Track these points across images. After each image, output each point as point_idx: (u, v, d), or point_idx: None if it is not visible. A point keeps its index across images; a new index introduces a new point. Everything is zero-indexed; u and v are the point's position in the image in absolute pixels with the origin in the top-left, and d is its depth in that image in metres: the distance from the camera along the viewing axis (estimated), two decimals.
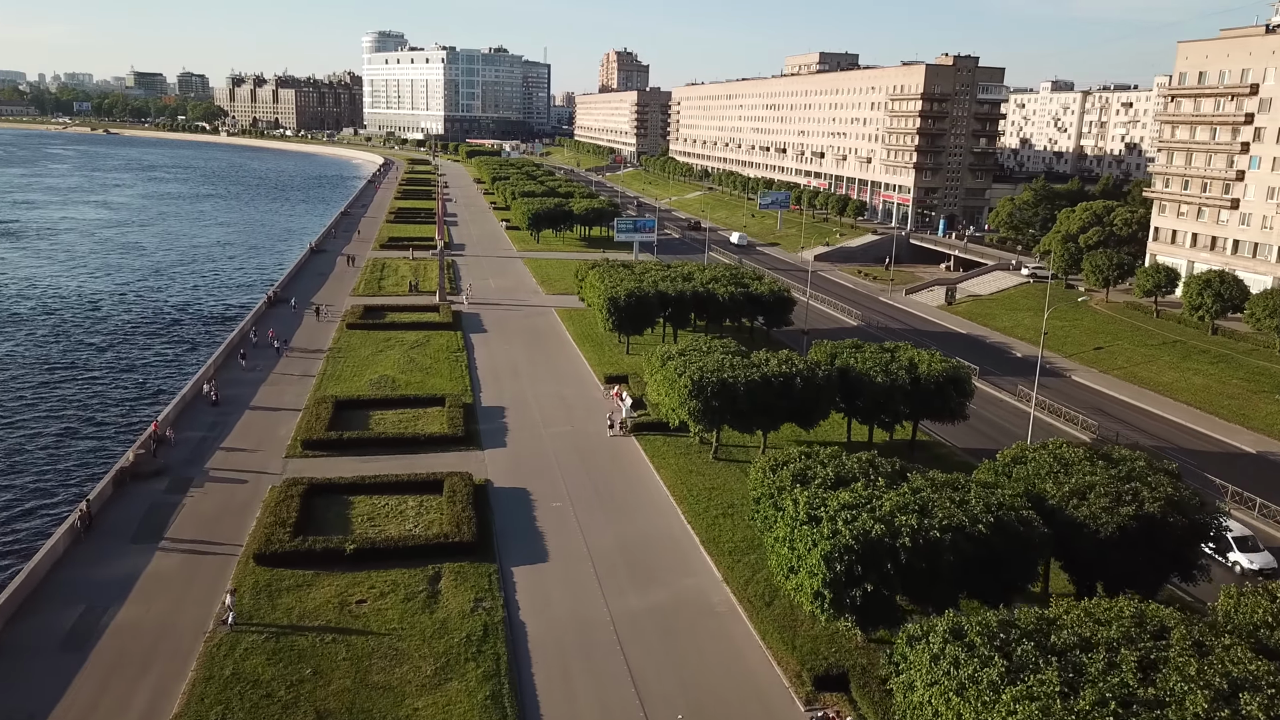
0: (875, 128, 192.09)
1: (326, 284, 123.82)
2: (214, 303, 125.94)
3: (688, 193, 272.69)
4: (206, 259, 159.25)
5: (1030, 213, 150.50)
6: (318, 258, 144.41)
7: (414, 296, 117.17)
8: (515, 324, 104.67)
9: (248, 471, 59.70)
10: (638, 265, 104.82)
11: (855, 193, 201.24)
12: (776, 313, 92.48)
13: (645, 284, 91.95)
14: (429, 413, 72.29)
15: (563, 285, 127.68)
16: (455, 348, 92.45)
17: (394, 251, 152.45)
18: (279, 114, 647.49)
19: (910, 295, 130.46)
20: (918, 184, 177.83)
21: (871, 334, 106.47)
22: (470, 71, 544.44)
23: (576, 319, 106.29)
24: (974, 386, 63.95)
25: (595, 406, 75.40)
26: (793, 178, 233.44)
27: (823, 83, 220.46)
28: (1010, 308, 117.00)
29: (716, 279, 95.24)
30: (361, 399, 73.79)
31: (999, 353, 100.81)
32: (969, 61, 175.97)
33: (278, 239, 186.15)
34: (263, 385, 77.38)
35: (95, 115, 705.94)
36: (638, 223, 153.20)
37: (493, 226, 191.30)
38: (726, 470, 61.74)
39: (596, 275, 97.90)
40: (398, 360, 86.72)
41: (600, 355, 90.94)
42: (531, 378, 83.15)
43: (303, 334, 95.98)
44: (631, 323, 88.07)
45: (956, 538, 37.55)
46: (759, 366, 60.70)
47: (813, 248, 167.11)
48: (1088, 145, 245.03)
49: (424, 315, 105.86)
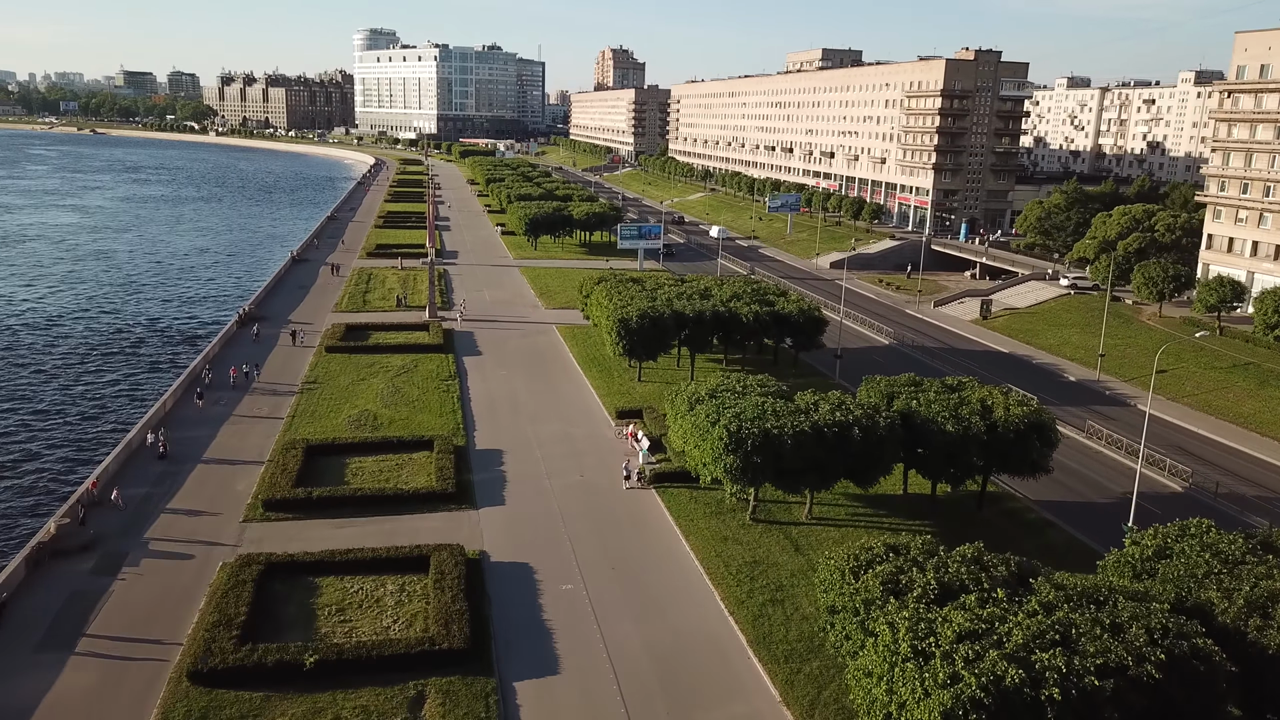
0: (890, 126, 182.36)
1: (306, 299, 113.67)
2: (184, 320, 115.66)
3: (689, 194, 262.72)
4: (181, 269, 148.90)
5: (1061, 217, 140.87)
6: (299, 268, 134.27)
7: (402, 313, 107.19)
8: (513, 344, 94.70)
9: (196, 543, 49.73)
10: (648, 279, 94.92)
11: (869, 195, 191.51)
12: (807, 334, 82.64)
13: (659, 302, 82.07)
14: (415, 459, 62.32)
15: (564, 298, 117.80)
16: (446, 374, 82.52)
17: (382, 260, 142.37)
18: (269, 113, 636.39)
19: (940, 308, 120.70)
20: (937, 185, 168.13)
21: (906, 354, 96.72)
22: (463, 69, 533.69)
23: (581, 338, 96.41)
24: (1059, 434, 54.07)
25: (607, 449, 65.50)
26: (800, 179, 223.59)
27: (832, 79, 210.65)
28: (1053, 322, 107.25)
29: (738, 296, 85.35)
30: (338, 442, 63.74)
31: (1049, 376, 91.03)
32: (991, 56, 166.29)
33: (259, 246, 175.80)
34: (224, 426, 67.28)
35: (82, 115, 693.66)
36: (642, 229, 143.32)
37: (487, 232, 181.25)
38: (768, 537, 51.86)
39: (603, 292, 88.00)
40: (381, 391, 76.72)
41: (609, 383, 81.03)
42: (532, 412, 73.18)
43: (276, 360, 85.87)
44: (645, 347, 78.17)
45: (1119, 684, 27.73)
46: (807, 413, 50.83)
47: (828, 254, 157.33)
48: (1107, 144, 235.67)
49: (412, 335, 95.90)
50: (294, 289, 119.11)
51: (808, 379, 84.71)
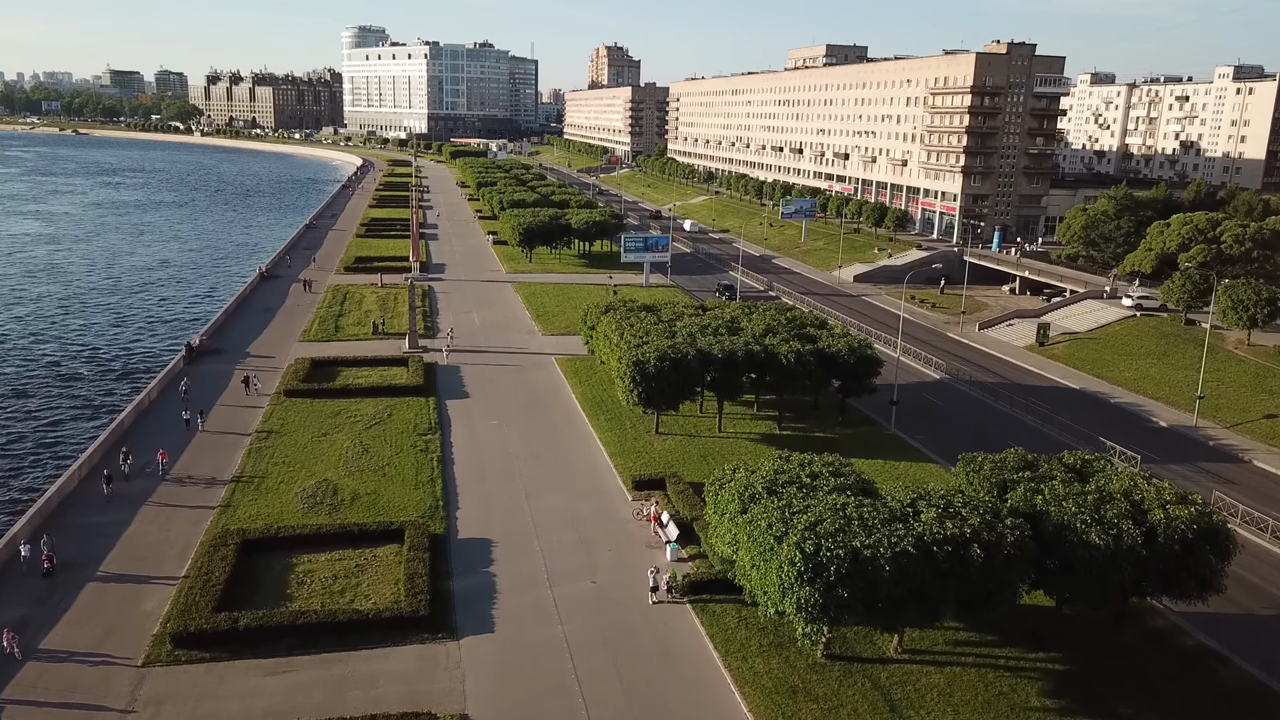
0: (912, 126, 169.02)
1: (271, 325, 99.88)
2: (131, 349, 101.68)
3: (691, 196, 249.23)
4: (138, 285, 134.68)
5: (1110, 225, 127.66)
6: (267, 286, 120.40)
7: (378, 342, 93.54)
8: (505, 383, 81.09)
9: (71, 708, 36.15)
10: (664, 308, 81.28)
11: (888, 199, 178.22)
12: (859, 377, 69.09)
13: (679, 338, 68.66)
14: (380, 556, 48.83)
15: (563, 321, 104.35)
16: (426, 425, 68.96)
17: (360, 276, 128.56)
18: (256, 113, 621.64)
19: (986, 331, 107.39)
20: (965, 190, 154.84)
21: (965, 393, 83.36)
22: (454, 67, 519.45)
23: (584, 374, 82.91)
24: (1236, 543, 40.62)
25: (624, 537, 52.02)
26: (811, 181, 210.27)
27: (847, 75, 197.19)
28: (1123, 351, 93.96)
29: (773, 330, 71.83)
30: (281, 533, 50.05)
31: (1135, 421, 77.63)
32: (1025, 49, 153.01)
33: (227, 258, 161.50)
34: (140, 511, 53.43)
35: (65, 115, 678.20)
36: (648, 240, 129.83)
37: (478, 241, 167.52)
38: (850, 686, 38.44)
39: (611, 324, 74.48)
40: (346, 451, 63.13)
41: (621, 436, 67.53)
42: (530, 481, 59.62)
43: (224, 408, 72.17)
44: (665, 396, 64.73)
45: None
46: (906, 522, 37.43)
47: (850, 265, 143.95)
48: (1134, 144, 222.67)
49: (389, 373, 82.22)
50: (258, 312, 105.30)
51: (858, 429, 71.35)
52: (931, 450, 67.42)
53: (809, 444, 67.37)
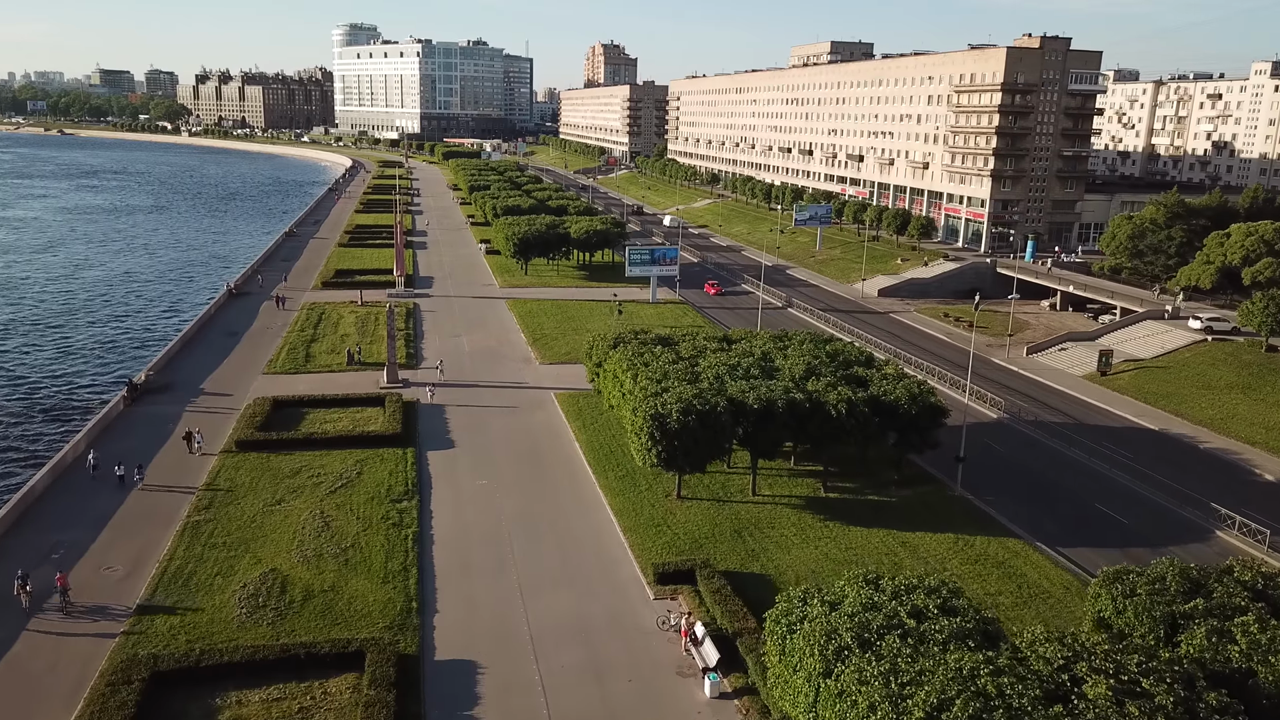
0: (934, 126, 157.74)
1: (233, 354, 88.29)
2: (72, 383, 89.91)
3: (694, 200, 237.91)
4: (93, 303, 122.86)
5: (1160, 235, 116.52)
6: (235, 305, 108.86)
7: (354, 374, 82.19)
8: (498, 428, 69.71)
9: None
10: (682, 340, 69.80)
11: (906, 204, 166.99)
12: (921, 430, 57.68)
13: (704, 383, 57.35)
14: (332, 691, 37.60)
15: (564, 346, 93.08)
16: (402, 489, 57.62)
17: (339, 292, 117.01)
18: (246, 112, 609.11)
19: (1035, 356, 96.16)
20: (994, 195, 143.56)
21: (1032, 438, 72.03)
22: (448, 66, 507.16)
23: (588, 416, 71.56)
24: None
25: (646, 656, 40.74)
26: (822, 184, 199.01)
27: (861, 72, 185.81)
28: (1199, 383, 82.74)
29: (815, 370, 60.41)
30: (205, 661, 38.52)
31: (1237, 474, 66.27)
32: (1059, 43, 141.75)
33: (197, 270, 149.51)
34: (23, 633, 41.93)
35: (51, 115, 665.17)
36: (655, 252, 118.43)
37: (469, 250, 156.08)
38: None
39: (622, 362, 63.11)
40: (303, 526, 51.77)
41: (636, 503, 56.21)
42: (527, 571, 48.23)
43: (163, 462, 60.74)
44: (690, 456, 53.41)
45: None
46: (1068, 703, 26.07)
47: (872, 277, 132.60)
48: (1161, 144, 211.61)
49: (362, 416, 70.83)
50: (220, 337, 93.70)
51: (916, 489, 60.08)
52: (1008, 517, 56.24)
53: (860, 511, 56.28)
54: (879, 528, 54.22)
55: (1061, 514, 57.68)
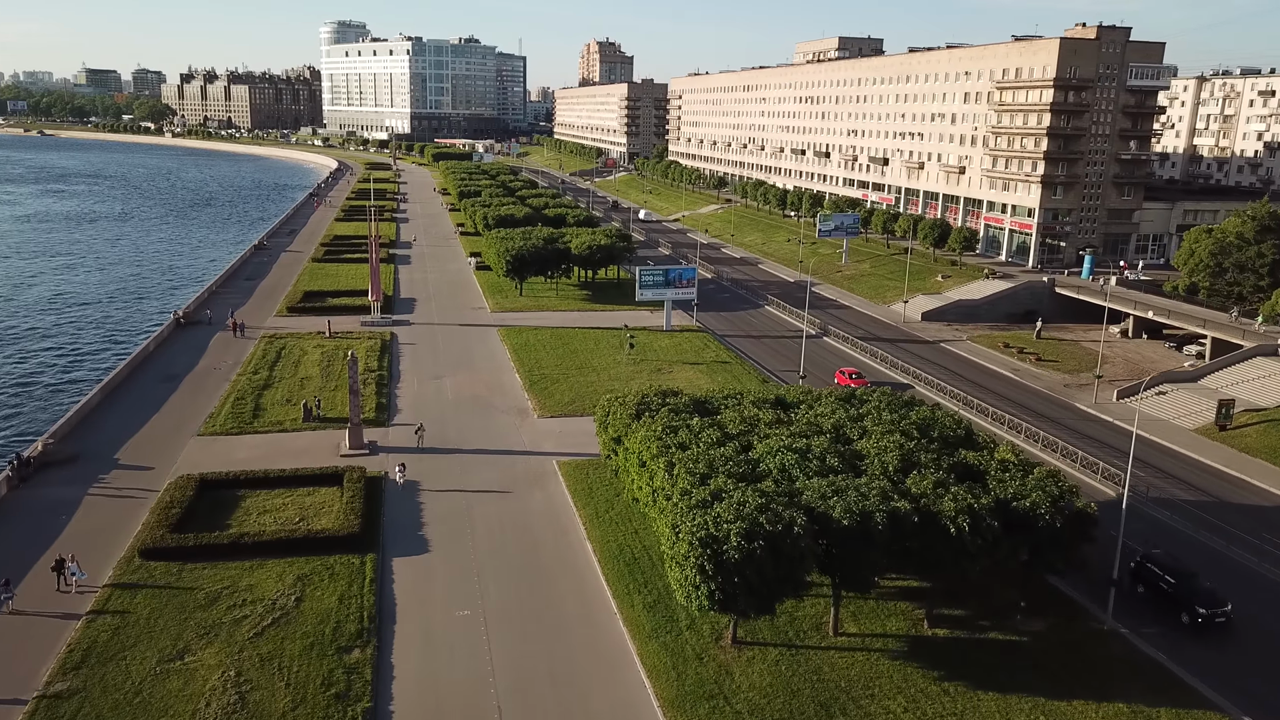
0: (971, 126, 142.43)
1: (166, 406, 72.50)
2: None
3: (700, 205, 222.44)
4: (21, 334, 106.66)
5: (1249, 252, 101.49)
6: (182, 337, 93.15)
7: (310, 434, 66.75)
8: (487, 523, 54.16)
9: None
10: (725, 407, 54.14)
11: (938, 211, 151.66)
12: (1063, 546, 42.19)
13: (767, 480, 41.96)
14: None
15: (566, 392, 77.61)
16: (353, 629, 42.25)
17: (306, 319, 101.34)
18: (232, 112, 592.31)
19: (1127, 401, 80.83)
20: (1044, 203, 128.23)
21: (1162, 520, 56.58)
22: (439, 64, 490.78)
23: (602, 502, 56.13)
24: None
25: None
26: (840, 189, 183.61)
27: (885, 68, 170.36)
28: None
29: (913, 460, 44.86)
30: None
31: None
32: (1118, 34, 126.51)
33: (154, 289, 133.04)
34: None
35: (33, 115, 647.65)
36: (670, 273, 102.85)
37: (457, 265, 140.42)
38: None
39: (650, 443, 47.68)
40: (206, 699, 36.45)
41: (678, 660, 40.85)
42: None
43: (44, 574, 45.19)
44: (757, 597, 38.09)
45: None
46: None
47: (913, 297, 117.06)
48: (1204, 145, 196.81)
49: (311, 501, 55.28)
50: (154, 383, 77.90)
51: (1051, 620, 44.51)
52: (1195, 670, 40.86)
53: (983, 659, 41.06)
54: (1015, 693, 38.87)
55: (1263, 659, 42.36)
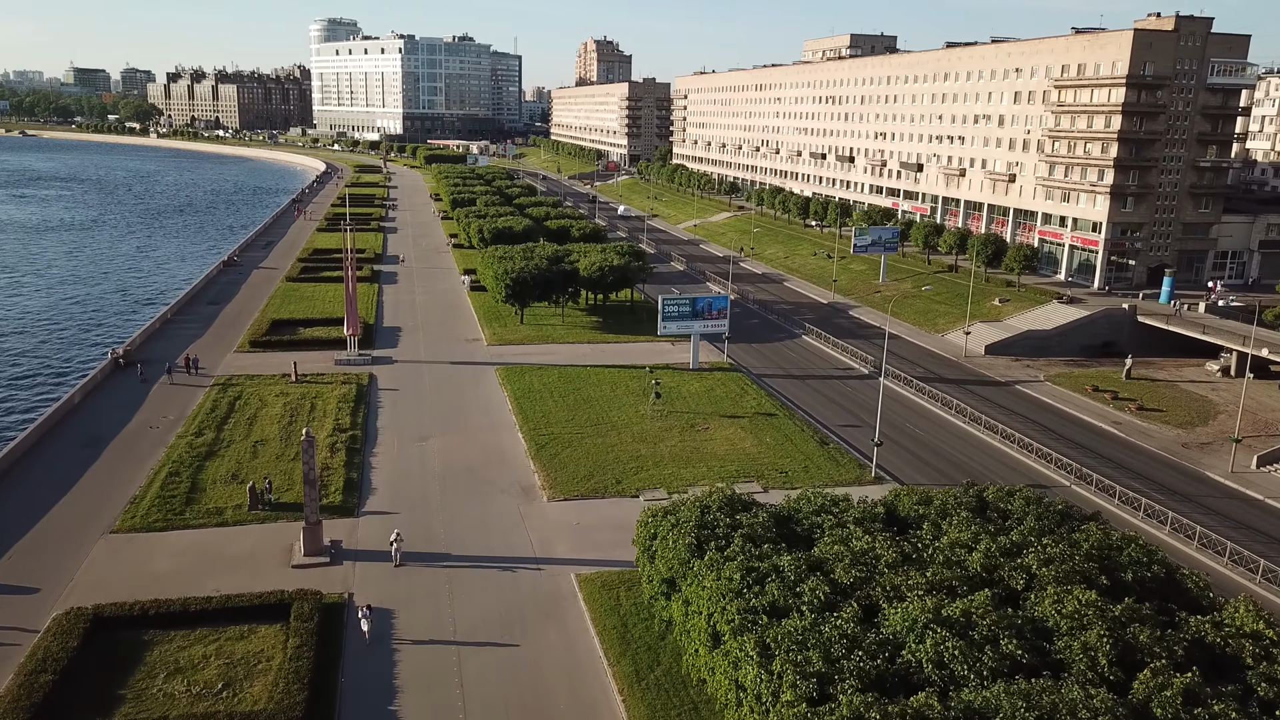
0: (1024, 129, 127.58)
1: (77, 487, 57.17)
2: None
3: (712, 213, 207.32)
4: None
5: None
6: (115, 383, 77.80)
7: (257, 529, 51.52)
8: (483, 694, 39.03)
9: None
10: (828, 547, 38.77)
11: (982, 224, 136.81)
12: None
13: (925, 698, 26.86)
14: None
15: (583, 463, 62.18)
16: None
17: (272, 356, 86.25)
18: (220, 112, 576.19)
19: (1267, 468, 65.90)
20: (1113, 217, 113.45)
21: None
22: (432, 63, 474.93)
23: (643, 654, 41.05)
24: None
25: None
26: (866, 196, 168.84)
27: (918, 65, 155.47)
28: None
29: (1134, 644, 29.77)
30: None
31: None
32: (1199, 25, 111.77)
33: (98, 316, 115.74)
34: None
35: (16, 115, 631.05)
36: (699, 303, 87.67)
37: (450, 284, 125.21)
38: None
39: (725, 603, 32.61)
40: None
41: None
42: None
43: None
44: None
45: None
46: None
47: (971, 325, 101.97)
48: (1259, 149, 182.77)
49: (241, 652, 40.06)
50: (71, 450, 62.55)
51: None
52: None
53: None
54: None
55: None
